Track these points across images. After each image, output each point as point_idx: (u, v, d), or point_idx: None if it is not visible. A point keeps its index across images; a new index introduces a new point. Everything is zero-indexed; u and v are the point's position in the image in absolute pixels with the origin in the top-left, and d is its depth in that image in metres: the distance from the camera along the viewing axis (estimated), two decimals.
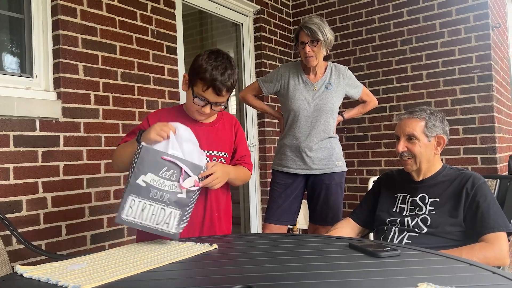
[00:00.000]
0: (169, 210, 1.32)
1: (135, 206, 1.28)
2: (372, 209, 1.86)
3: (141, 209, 1.29)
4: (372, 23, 3.42)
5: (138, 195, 1.29)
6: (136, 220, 1.29)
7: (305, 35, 2.22)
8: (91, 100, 2.20)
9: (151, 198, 1.30)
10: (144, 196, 1.29)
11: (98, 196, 2.21)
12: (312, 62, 2.25)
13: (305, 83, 2.34)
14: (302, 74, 2.36)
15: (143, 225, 1.30)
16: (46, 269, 1.09)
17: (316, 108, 2.29)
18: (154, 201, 1.30)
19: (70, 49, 2.12)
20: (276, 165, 2.45)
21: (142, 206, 1.29)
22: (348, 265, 1.07)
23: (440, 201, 1.65)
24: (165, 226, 1.32)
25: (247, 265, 1.11)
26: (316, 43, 2.20)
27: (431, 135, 1.68)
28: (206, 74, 1.46)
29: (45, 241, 1.99)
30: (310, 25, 2.20)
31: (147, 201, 1.29)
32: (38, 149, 1.98)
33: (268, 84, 2.44)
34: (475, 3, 2.99)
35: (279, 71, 2.43)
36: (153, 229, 1.31)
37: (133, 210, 1.28)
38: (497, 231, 1.51)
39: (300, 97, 2.31)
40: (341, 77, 2.37)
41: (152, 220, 1.30)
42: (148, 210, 1.30)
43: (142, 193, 1.29)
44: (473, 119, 2.98)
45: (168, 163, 1.31)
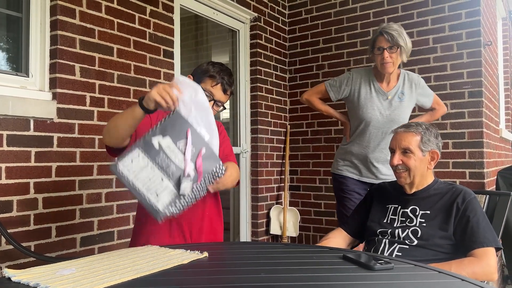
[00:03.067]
0: (166, 183, 1.23)
1: (137, 161, 1.19)
2: (363, 220, 1.88)
3: (141, 167, 1.20)
4: (367, 35, 3.47)
5: (146, 152, 1.20)
6: (130, 176, 1.20)
7: (385, 40, 2.13)
8: (86, 101, 2.19)
9: (156, 162, 1.21)
10: (151, 157, 1.20)
11: (90, 199, 2.20)
12: (389, 69, 2.16)
13: (378, 92, 2.25)
14: (374, 81, 2.26)
15: (133, 185, 1.20)
16: (35, 273, 1.08)
17: (388, 119, 2.20)
18: (157, 166, 1.21)
19: (67, 49, 2.11)
20: (342, 170, 2.35)
21: (143, 164, 1.20)
22: (342, 277, 1.09)
23: (431, 214, 1.68)
24: (153, 196, 1.22)
25: (238, 275, 1.11)
26: (395, 49, 2.12)
27: (425, 150, 1.71)
28: (215, 73, 1.58)
29: (34, 242, 1.96)
30: (391, 31, 2.12)
31: (150, 162, 1.21)
32: (31, 149, 1.96)
33: (336, 89, 2.36)
34: (468, 20, 3.05)
35: (350, 76, 2.34)
36: (141, 194, 1.21)
37: (133, 164, 1.20)
38: (486, 246, 1.54)
39: (372, 107, 2.22)
40: (413, 86, 2.28)
41: (145, 184, 1.21)
42: (147, 172, 1.21)
43: (151, 153, 1.20)
44: (462, 133, 3.04)
45: (190, 138, 1.23)
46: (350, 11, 3.56)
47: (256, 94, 3.54)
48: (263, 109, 3.58)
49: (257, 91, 3.54)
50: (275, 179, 3.71)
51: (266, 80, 3.63)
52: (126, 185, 1.21)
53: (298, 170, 3.79)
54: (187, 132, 1.23)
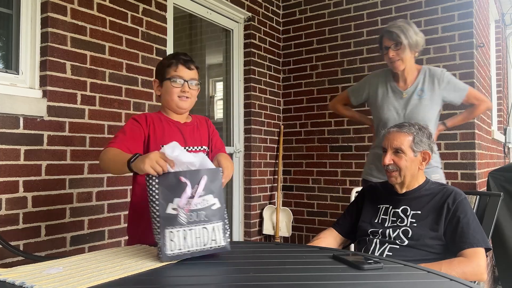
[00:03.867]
0: (211, 226, 1.24)
1: (176, 238, 1.19)
2: (355, 220, 1.88)
3: (183, 237, 1.20)
4: (361, 36, 3.48)
5: (174, 226, 1.19)
6: (183, 250, 1.20)
7: (388, 39, 2.12)
8: (77, 99, 2.17)
9: (187, 223, 1.21)
10: (178, 224, 1.20)
11: (80, 197, 2.18)
12: (398, 67, 2.12)
13: (394, 91, 2.20)
14: (391, 81, 2.22)
15: (192, 251, 1.21)
16: (21, 272, 1.07)
17: (407, 118, 2.12)
18: (191, 224, 1.21)
19: (58, 47, 2.09)
20: (368, 175, 2.29)
21: (183, 235, 1.20)
22: (332, 277, 1.09)
23: (422, 214, 1.69)
24: (213, 243, 1.24)
25: (227, 274, 1.11)
26: (399, 46, 2.08)
27: (417, 150, 1.71)
28: (171, 59, 1.64)
29: (23, 241, 1.94)
30: (392, 29, 2.10)
31: (184, 228, 1.20)
32: (20, 147, 1.94)
33: (356, 94, 2.34)
34: (460, 22, 3.07)
35: (368, 79, 2.32)
36: (204, 250, 1.22)
37: (175, 242, 1.19)
38: (476, 246, 1.54)
39: (388, 107, 2.18)
40: (435, 82, 2.17)
41: (199, 243, 1.22)
42: (191, 236, 1.21)
43: (177, 221, 1.20)
44: (454, 135, 3.05)
45: (188, 180, 1.21)
46: (344, 12, 3.57)
47: (249, 94, 3.54)
48: (257, 109, 3.58)
49: (251, 91, 3.53)
50: (268, 179, 3.71)
51: (260, 80, 3.63)
52: (190, 256, 1.22)
53: (291, 170, 3.79)
54: (180, 179, 1.22)
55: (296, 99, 3.80)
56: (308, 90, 3.73)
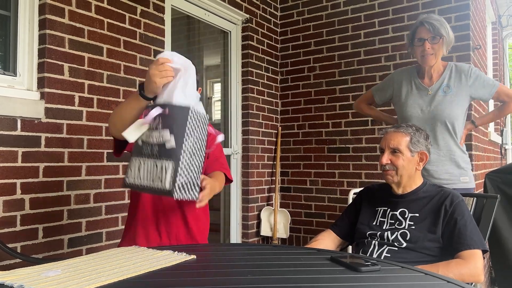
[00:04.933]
0: (160, 164, 1.22)
1: (134, 167, 1.23)
2: (353, 222, 1.88)
3: (138, 168, 1.23)
4: (358, 38, 3.49)
5: (137, 155, 1.24)
6: (137, 182, 1.23)
7: (426, 31, 2.01)
8: (75, 101, 2.17)
9: (144, 154, 1.23)
10: (139, 154, 1.23)
11: (78, 199, 2.18)
12: (430, 61, 2.03)
13: (419, 88, 2.12)
14: (415, 78, 2.15)
15: (143, 186, 1.23)
16: (20, 275, 1.07)
17: (431, 115, 2.05)
18: (146, 157, 1.23)
19: (56, 49, 2.09)
20: None
21: (138, 165, 1.23)
22: (329, 279, 1.09)
23: (420, 217, 1.69)
24: (158, 183, 1.22)
25: (225, 276, 1.11)
26: (437, 40, 2.00)
27: (414, 151, 1.72)
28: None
29: (20, 243, 1.94)
30: (432, 20, 2.01)
31: (141, 159, 1.23)
32: (18, 149, 1.94)
33: (380, 93, 2.28)
34: (457, 24, 3.08)
35: (392, 77, 2.25)
36: (151, 188, 1.22)
37: (133, 171, 1.23)
38: (473, 248, 1.55)
39: (412, 104, 2.10)
40: (463, 78, 2.08)
41: (148, 179, 1.22)
42: (144, 168, 1.23)
43: (139, 151, 1.24)
44: None
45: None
46: (342, 14, 3.58)
47: (247, 96, 3.54)
48: (254, 111, 3.58)
49: (249, 92, 3.54)
50: (266, 180, 3.71)
51: (258, 82, 3.63)
52: (142, 191, 1.26)
53: (289, 172, 3.80)
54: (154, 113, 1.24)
55: (293, 101, 3.81)
56: (306, 91, 3.73)
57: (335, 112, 3.57)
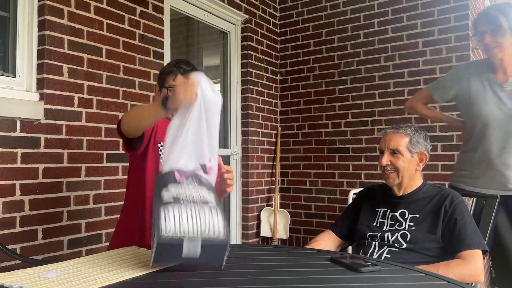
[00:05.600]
0: (207, 207, 1.10)
1: (172, 220, 1.04)
2: (353, 223, 1.88)
3: (179, 218, 1.05)
4: (357, 38, 3.49)
5: (168, 207, 1.07)
6: (179, 235, 1.03)
7: (483, 23, 1.88)
8: (74, 102, 2.17)
9: (184, 206, 1.08)
10: (176, 206, 1.08)
11: (77, 200, 2.18)
12: (495, 55, 1.87)
13: (492, 84, 1.92)
14: (486, 73, 1.95)
15: (187, 237, 1.04)
16: (19, 276, 1.07)
17: (511, 114, 1.88)
18: (188, 208, 1.08)
19: (55, 50, 2.09)
20: (461, 182, 2.04)
21: (178, 214, 1.06)
22: (329, 279, 1.09)
23: (420, 217, 1.69)
24: (209, 232, 1.05)
25: (225, 277, 1.11)
26: (498, 31, 1.83)
27: (414, 151, 1.72)
28: (171, 67, 1.60)
29: (20, 245, 1.94)
30: (490, 11, 1.88)
31: (182, 207, 1.07)
32: (17, 151, 1.94)
33: (441, 90, 2.07)
34: (456, 24, 3.08)
35: (457, 72, 2.06)
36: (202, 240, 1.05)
37: (170, 225, 1.04)
38: (473, 248, 1.55)
39: (487, 102, 1.92)
40: None
41: (196, 230, 1.05)
42: (186, 219, 1.06)
43: (171, 204, 1.08)
44: (451, 136, 3.06)
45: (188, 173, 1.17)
46: (341, 14, 3.58)
47: (247, 96, 3.54)
48: (254, 111, 3.58)
49: (248, 93, 3.54)
50: (265, 181, 3.71)
51: (257, 82, 3.63)
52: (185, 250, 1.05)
53: (289, 172, 3.79)
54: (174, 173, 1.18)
55: (293, 101, 3.81)
56: (305, 92, 3.73)
57: (335, 112, 3.57)
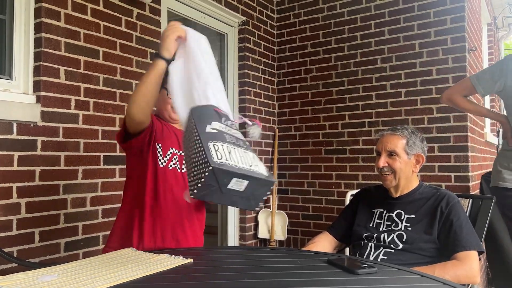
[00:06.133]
0: (250, 154, 1.13)
1: (221, 150, 1.05)
2: (349, 224, 1.89)
3: (228, 151, 1.07)
4: (354, 40, 3.50)
5: (216, 140, 1.07)
6: (230, 162, 1.04)
7: None
8: (71, 104, 2.17)
9: (229, 142, 1.10)
10: (223, 140, 1.08)
11: (74, 203, 2.17)
12: None
13: None
14: None
15: (240, 167, 1.05)
16: (16, 280, 1.07)
17: None
18: (233, 145, 1.10)
19: (52, 52, 2.09)
20: (507, 181, 1.97)
21: (227, 149, 1.07)
22: (326, 282, 1.09)
23: (416, 218, 1.70)
24: (257, 168, 1.09)
25: (222, 280, 1.11)
26: None
27: (411, 153, 1.74)
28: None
29: (17, 247, 1.93)
30: None
31: (228, 144, 1.09)
32: (14, 153, 1.93)
33: (486, 82, 1.95)
34: (453, 26, 3.09)
35: (504, 64, 1.92)
36: (251, 172, 1.07)
37: (221, 153, 1.05)
38: (469, 249, 1.56)
39: None
40: None
41: (245, 162, 1.08)
42: (235, 152, 1.08)
43: (219, 138, 1.08)
44: (448, 137, 3.07)
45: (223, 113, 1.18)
46: (338, 16, 3.59)
47: (244, 98, 3.54)
48: (251, 113, 3.58)
49: (245, 94, 3.54)
50: None
51: (255, 84, 3.64)
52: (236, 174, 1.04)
53: (286, 174, 3.80)
54: (215, 110, 1.18)
55: (290, 103, 3.81)
56: (303, 93, 3.74)
57: (332, 114, 3.58)
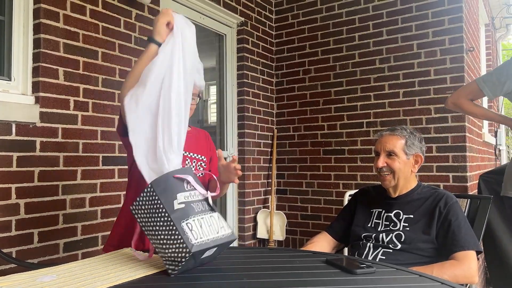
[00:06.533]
0: (215, 215, 1.21)
1: (195, 228, 1.12)
2: (348, 224, 1.90)
3: (200, 225, 1.14)
4: (353, 41, 3.51)
5: (187, 217, 1.13)
6: (204, 239, 1.13)
7: None
8: (70, 105, 2.17)
9: (197, 212, 1.16)
10: (193, 214, 1.15)
11: (73, 204, 2.17)
12: None
13: None
14: None
15: (212, 240, 1.15)
16: (15, 280, 1.07)
17: None
18: (201, 213, 1.17)
19: (51, 53, 2.09)
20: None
21: (198, 223, 1.14)
22: (324, 281, 1.10)
23: (414, 218, 1.71)
24: (223, 230, 1.19)
25: (221, 280, 1.11)
26: None
27: (410, 153, 1.74)
28: None
29: (16, 248, 1.93)
30: None
31: (198, 216, 1.16)
32: (13, 154, 1.93)
33: (492, 84, 1.90)
34: (450, 26, 3.11)
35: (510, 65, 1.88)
36: (219, 239, 1.17)
37: (196, 232, 1.12)
38: (467, 249, 1.57)
39: None
40: None
41: (213, 231, 1.17)
42: (205, 223, 1.16)
43: (189, 212, 1.14)
44: (446, 138, 3.08)
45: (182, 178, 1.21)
46: (336, 17, 3.60)
47: (243, 98, 3.55)
48: (250, 113, 3.59)
49: (244, 95, 3.54)
50: (262, 183, 3.72)
51: (253, 84, 3.64)
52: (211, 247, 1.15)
53: (285, 174, 3.80)
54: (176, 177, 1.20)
55: (289, 103, 3.82)
56: (301, 94, 3.75)
57: (330, 114, 3.59)
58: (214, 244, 1.15)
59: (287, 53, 3.85)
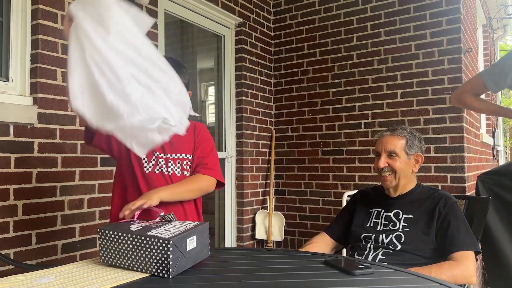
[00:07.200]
0: (178, 224, 1.27)
1: (161, 232, 1.18)
2: (347, 225, 1.90)
3: (165, 230, 1.20)
4: (351, 41, 3.51)
5: (149, 230, 1.18)
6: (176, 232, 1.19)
7: None
8: (68, 106, 2.17)
9: (157, 227, 1.22)
10: (153, 228, 1.21)
11: (72, 205, 2.17)
12: None
13: None
14: None
15: (183, 231, 1.20)
16: (13, 282, 1.07)
17: None
18: (163, 226, 1.25)
19: (49, 54, 2.09)
20: None
21: (162, 230, 1.20)
22: (323, 282, 1.10)
23: (414, 218, 1.71)
24: (191, 225, 1.25)
25: (220, 281, 1.11)
26: None
27: (410, 153, 1.75)
28: None
29: (14, 249, 1.93)
30: None
31: (158, 229, 1.20)
32: (11, 155, 1.93)
33: (497, 76, 1.85)
34: (448, 27, 3.11)
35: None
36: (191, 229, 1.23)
37: (163, 233, 1.17)
38: (466, 249, 1.57)
39: None
40: None
41: (181, 228, 1.23)
42: (169, 227, 1.23)
43: (148, 229, 1.20)
44: (444, 138, 3.09)
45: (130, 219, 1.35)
46: (334, 18, 3.60)
47: (241, 99, 3.55)
48: (248, 114, 3.59)
49: (242, 96, 3.55)
50: (260, 183, 3.72)
51: (252, 85, 3.64)
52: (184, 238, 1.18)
53: (283, 175, 3.80)
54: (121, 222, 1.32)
55: (287, 104, 3.82)
56: (300, 94, 3.75)
57: (329, 115, 3.59)
58: (187, 232, 1.18)
59: (286, 54, 3.85)
